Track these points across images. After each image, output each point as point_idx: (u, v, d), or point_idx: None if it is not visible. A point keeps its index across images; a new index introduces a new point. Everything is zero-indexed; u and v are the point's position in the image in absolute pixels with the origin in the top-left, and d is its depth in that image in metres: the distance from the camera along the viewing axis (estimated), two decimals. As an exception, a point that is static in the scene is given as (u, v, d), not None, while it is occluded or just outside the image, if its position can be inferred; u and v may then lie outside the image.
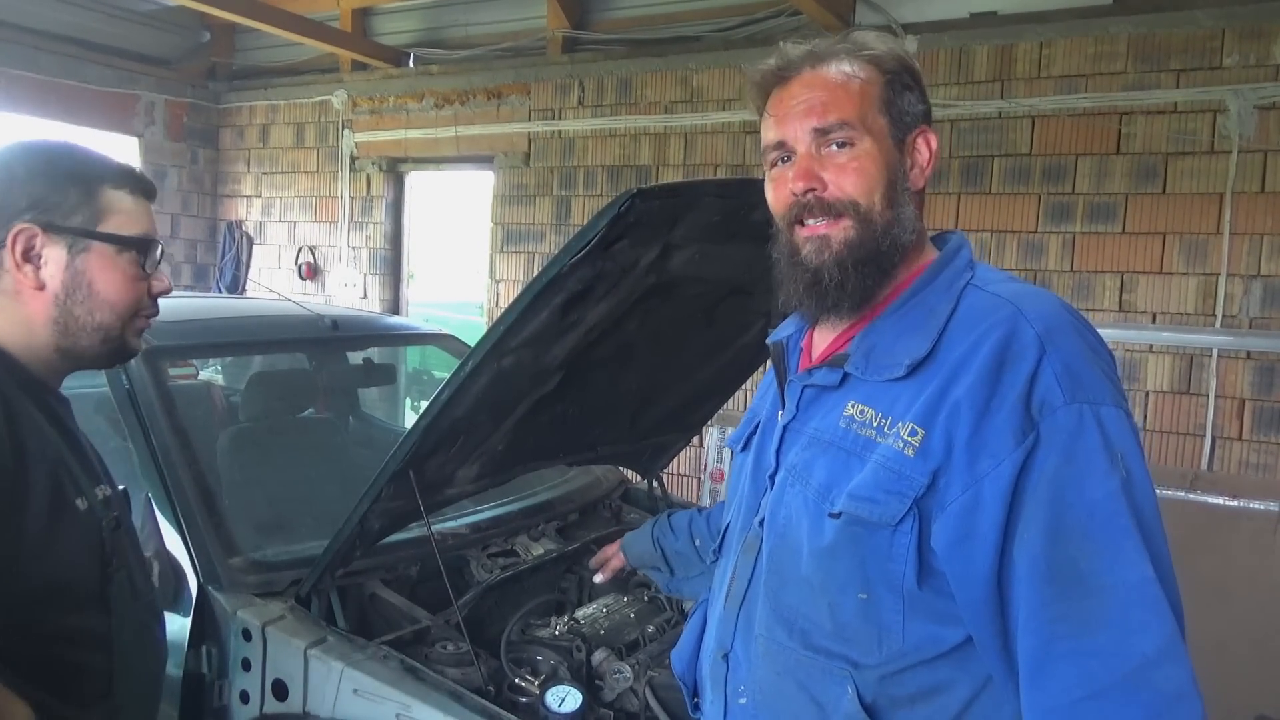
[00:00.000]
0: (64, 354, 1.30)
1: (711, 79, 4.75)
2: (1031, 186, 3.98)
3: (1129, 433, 0.98)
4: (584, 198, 5.17)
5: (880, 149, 1.10)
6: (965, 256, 1.14)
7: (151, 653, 1.41)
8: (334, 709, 1.76)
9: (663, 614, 2.21)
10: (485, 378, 1.70)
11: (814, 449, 1.13)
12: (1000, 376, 0.98)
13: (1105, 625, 0.91)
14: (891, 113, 1.11)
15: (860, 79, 1.11)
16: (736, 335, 2.38)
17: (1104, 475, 0.94)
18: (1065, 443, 0.95)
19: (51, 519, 1.19)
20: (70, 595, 1.24)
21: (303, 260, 6.32)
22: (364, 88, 5.97)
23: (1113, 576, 0.92)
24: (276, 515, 2.30)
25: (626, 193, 1.45)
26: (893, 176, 1.10)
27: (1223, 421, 3.67)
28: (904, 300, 1.11)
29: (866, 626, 1.05)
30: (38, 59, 5.69)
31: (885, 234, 1.10)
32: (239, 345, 2.81)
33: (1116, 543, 0.93)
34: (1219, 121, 3.62)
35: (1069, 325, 1.01)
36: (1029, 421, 0.96)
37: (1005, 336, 1.00)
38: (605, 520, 2.73)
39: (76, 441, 1.32)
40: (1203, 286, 3.69)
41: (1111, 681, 0.90)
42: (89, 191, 1.28)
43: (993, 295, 1.06)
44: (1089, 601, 0.92)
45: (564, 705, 1.72)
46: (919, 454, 1.01)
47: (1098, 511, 0.93)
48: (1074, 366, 0.98)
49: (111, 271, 1.29)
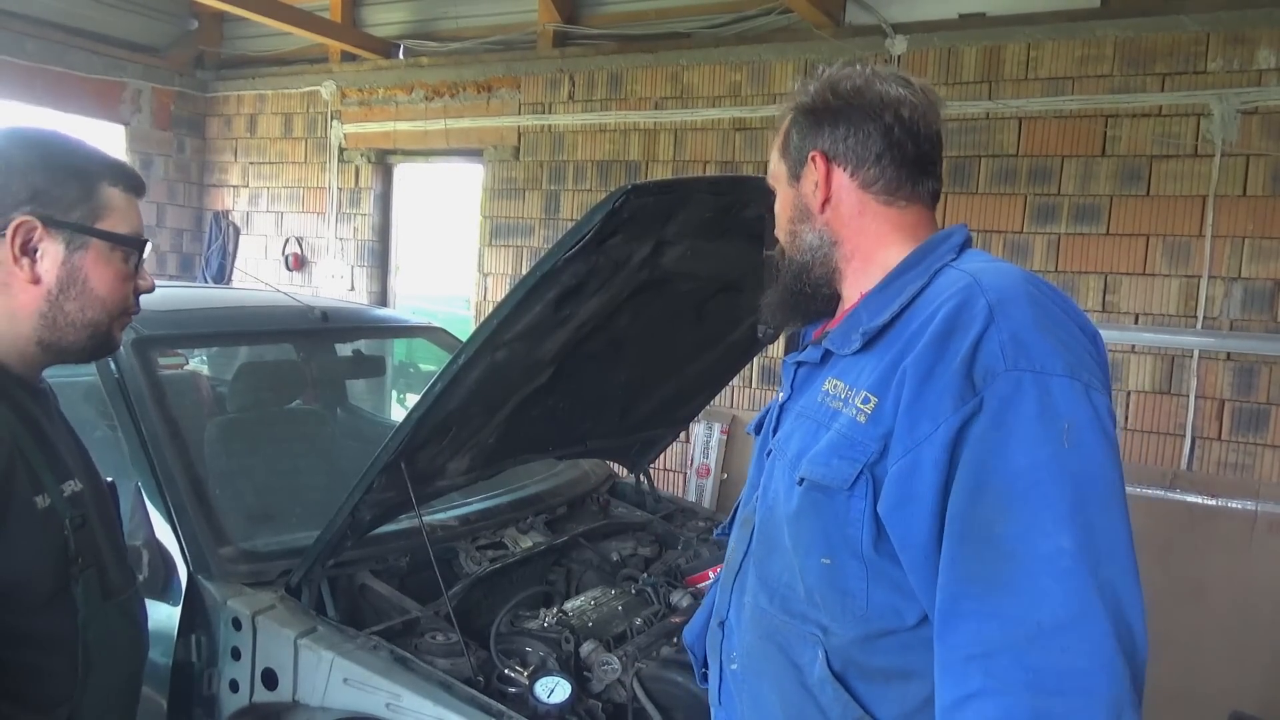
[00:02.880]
0: (45, 347, 1.28)
1: (702, 75, 4.77)
2: (1018, 187, 4.02)
3: (1083, 404, 0.97)
4: (573, 192, 5.18)
5: (783, 190, 1.26)
6: (953, 243, 1.17)
7: (124, 652, 1.37)
8: (324, 698, 1.77)
9: (650, 607, 2.23)
10: (478, 370, 1.71)
11: (796, 423, 1.20)
12: (946, 343, 1.01)
13: (1008, 589, 0.92)
14: (786, 155, 1.25)
15: (777, 133, 1.28)
16: (726, 331, 2.40)
17: (1033, 443, 0.94)
18: (997, 408, 0.96)
19: (1, 518, 1.16)
20: (25, 596, 1.20)
21: (290, 251, 6.29)
22: (353, 79, 5.95)
23: (1024, 544, 0.92)
24: (266, 505, 2.31)
25: (621, 188, 1.47)
26: (794, 211, 1.24)
27: (1202, 422, 3.72)
28: (885, 284, 1.17)
29: (831, 592, 1.09)
30: (23, 44, 5.63)
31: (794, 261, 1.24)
32: (229, 335, 2.80)
33: (1034, 511, 0.93)
34: (1203, 125, 3.67)
35: (1024, 295, 1.02)
36: (970, 388, 0.98)
37: (957, 306, 1.03)
38: (593, 514, 2.75)
39: (44, 436, 1.29)
40: (1185, 288, 3.74)
41: (1003, 644, 0.92)
42: (88, 187, 1.26)
43: (959, 271, 1.10)
44: (999, 565, 0.93)
45: (553, 696, 1.74)
46: (870, 420, 1.05)
47: (1020, 478, 0.94)
48: (1022, 335, 0.98)
49: (106, 269, 1.28)
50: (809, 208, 1.22)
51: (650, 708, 1.81)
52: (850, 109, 1.18)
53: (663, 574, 2.39)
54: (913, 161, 1.18)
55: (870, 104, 1.17)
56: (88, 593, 1.27)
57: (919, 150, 1.19)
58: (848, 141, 1.18)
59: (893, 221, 1.19)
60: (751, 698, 1.22)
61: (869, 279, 1.19)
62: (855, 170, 1.18)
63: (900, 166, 1.18)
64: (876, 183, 1.18)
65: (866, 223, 1.19)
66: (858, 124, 1.17)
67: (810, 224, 1.22)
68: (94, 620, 1.28)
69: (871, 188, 1.18)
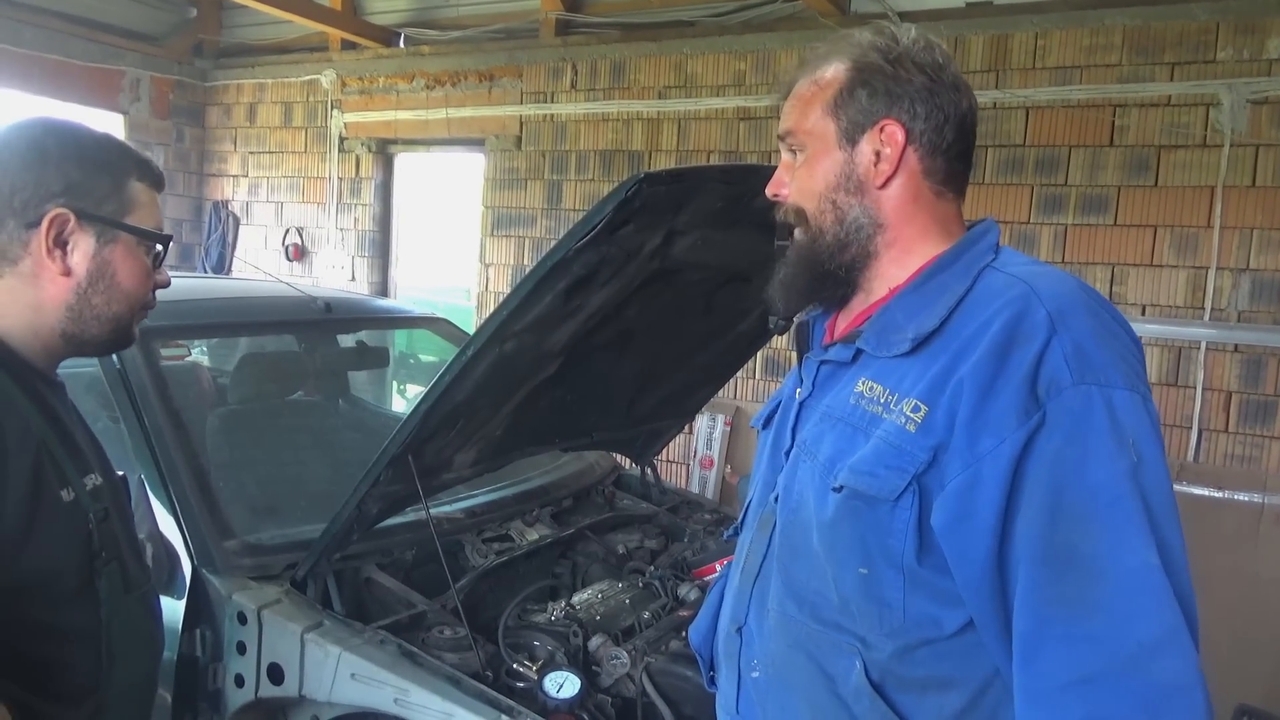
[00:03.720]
0: (68, 339, 1.28)
1: (706, 64, 4.73)
2: (1025, 177, 3.99)
3: (1144, 417, 0.95)
4: (576, 182, 5.15)
5: (825, 152, 1.13)
6: (989, 241, 1.12)
7: (145, 646, 1.38)
8: (331, 693, 1.75)
9: (657, 600, 2.21)
10: (487, 362, 1.69)
11: (824, 424, 1.13)
12: (1008, 355, 0.96)
13: (1101, 610, 0.89)
14: (841, 114, 1.12)
15: (818, 85, 1.14)
16: (734, 322, 2.38)
17: (1109, 458, 0.92)
18: (1069, 424, 0.93)
19: (31, 510, 1.16)
20: (53, 589, 1.21)
21: (290, 241, 6.26)
22: (353, 67, 5.91)
23: (1112, 561, 0.89)
24: (269, 498, 2.29)
25: (634, 177, 1.45)
26: (838, 179, 1.12)
27: (1209, 413, 3.70)
28: (922, 281, 1.11)
29: (867, 602, 1.05)
30: (21, 33, 5.59)
31: (831, 237, 1.13)
32: (233, 326, 2.78)
33: (1118, 527, 0.90)
34: (1212, 115, 3.64)
35: (1083, 305, 0.99)
36: (1034, 402, 0.94)
37: (1016, 315, 0.98)
38: (599, 506, 2.73)
39: (65, 430, 1.29)
40: (1192, 279, 3.71)
41: (1103, 668, 0.88)
42: (119, 182, 1.27)
43: (1008, 275, 1.05)
44: (1086, 585, 0.90)
45: (562, 691, 1.72)
46: (920, 430, 1.00)
47: (1100, 494, 0.91)
48: (1085, 347, 0.95)
49: (133, 263, 1.29)
50: (863, 180, 1.11)
51: (660, 702, 1.80)
52: (935, 87, 1.10)
53: (669, 567, 2.38)
54: (964, 153, 1.13)
55: (951, 88, 1.10)
56: (111, 586, 1.27)
57: (970, 144, 1.14)
58: (928, 122, 1.10)
59: (936, 214, 1.13)
60: (778, 707, 1.18)
61: (901, 272, 1.13)
62: (924, 155, 1.11)
63: (958, 159, 1.13)
64: (937, 173, 1.12)
65: (916, 211, 1.12)
66: (939, 107, 1.10)
67: (859, 198, 1.12)
68: (117, 613, 1.28)
69: (930, 177, 1.12)
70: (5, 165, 1.22)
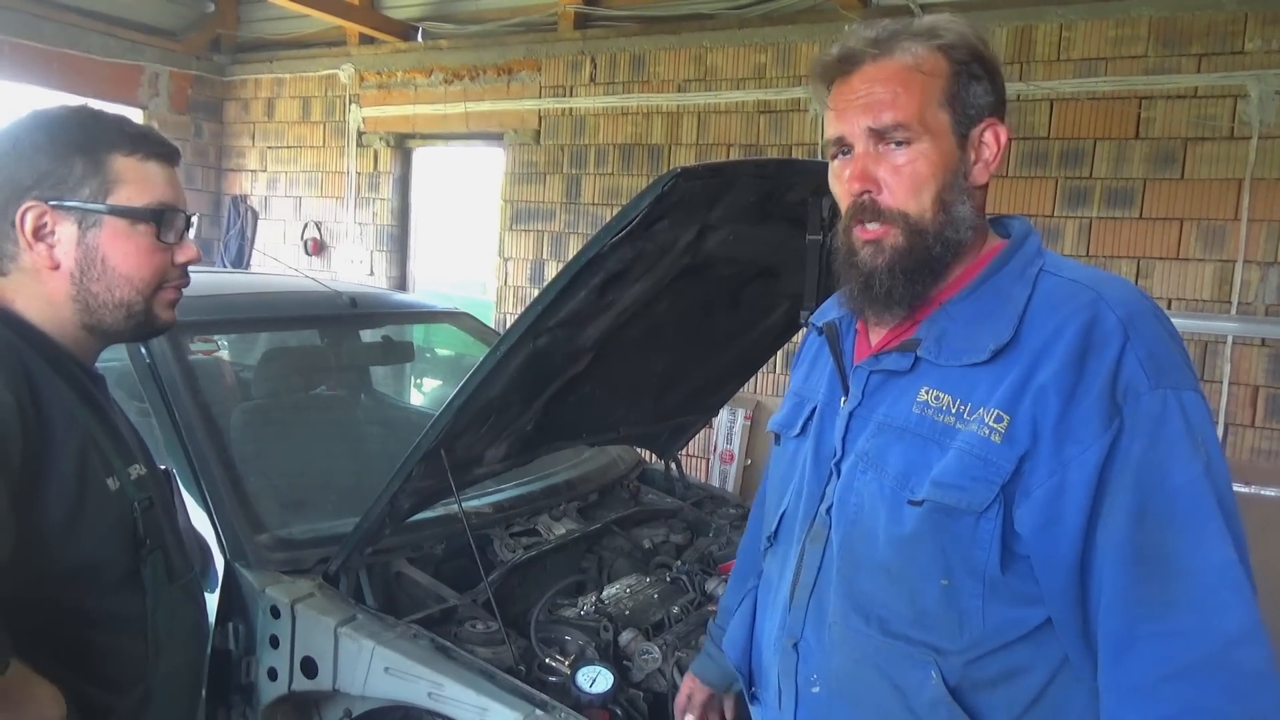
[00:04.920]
0: (91, 331, 1.26)
1: (726, 57, 4.71)
2: (1049, 170, 3.96)
3: (1207, 417, 0.99)
4: (595, 176, 5.14)
5: (938, 148, 1.06)
6: (1034, 243, 1.12)
7: (189, 635, 1.39)
8: (364, 687, 1.75)
9: (685, 595, 2.21)
10: (520, 357, 1.68)
11: (886, 435, 1.10)
12: (1085, 362, 0.98)
13: (1189, 607, 0.92)
14: (955, 107, 1.06)
15: (923, 72, 1.06)
16: (761, 317, 2.37)
17: (1188, 460, 0.95)
18: (1150, 428, 0.95)
19: (78, 500, 1.17)
20: (100, 577, 1.22)
21: (309, 236, 6.28)
22: (371, 62, 5.91)
23: (1197, 559, 0.93)
24: (299, 493, 2.29)
25: (670, 172, 1.43)
26: (950, 177, 1.07)
27: (1236, 408, 3.67)
28: (975, 286, 1.10)
29: (948, 613, 1.05)
30: (41, 28, 5.62)
31: (936, 239, 1.08)
32: (261, 321, 2.78)
33: (1201, 526, 0.93)
34: (1239, 107, 3.60)
35: (1149, 311, 1.02)
36: (1114, 407, 0.96)
37: (1088, 322, 1.00)
38: (624, 501, 2.72)
39: (108, 419, 1.28)
40: (1219, 273, 3.68)
41: (1194, 661, 0.92)
42: (96, 162, 1.21)
43: (1070, 281, 1.06)
44: (1173, 584, 0.93)
45: (595, 685, 1.72)
46: (1005, 440, 1.00)
47: (1182, 496, 0.94)
48: (1156, 352, 0.98)
49: (126, 245, 1.24)
50: (972, 179, 1.09)
51: (691, 698, 1.80)
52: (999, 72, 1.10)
53: (696, 561, 2.37)
54: None
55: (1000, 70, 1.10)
56: (155, 575, 1.27)
57: None
58: (1000, 111, 1.10)
59: (982, 206, 1.13)
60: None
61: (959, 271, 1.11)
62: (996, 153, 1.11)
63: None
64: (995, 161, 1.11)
65: (983, 204, 1.13)
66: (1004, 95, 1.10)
67: (966, 195, 1.09)
68: (161, 602, 1.28)
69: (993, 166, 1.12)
70: None
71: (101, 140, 1.22)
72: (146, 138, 1.27)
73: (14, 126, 1.23)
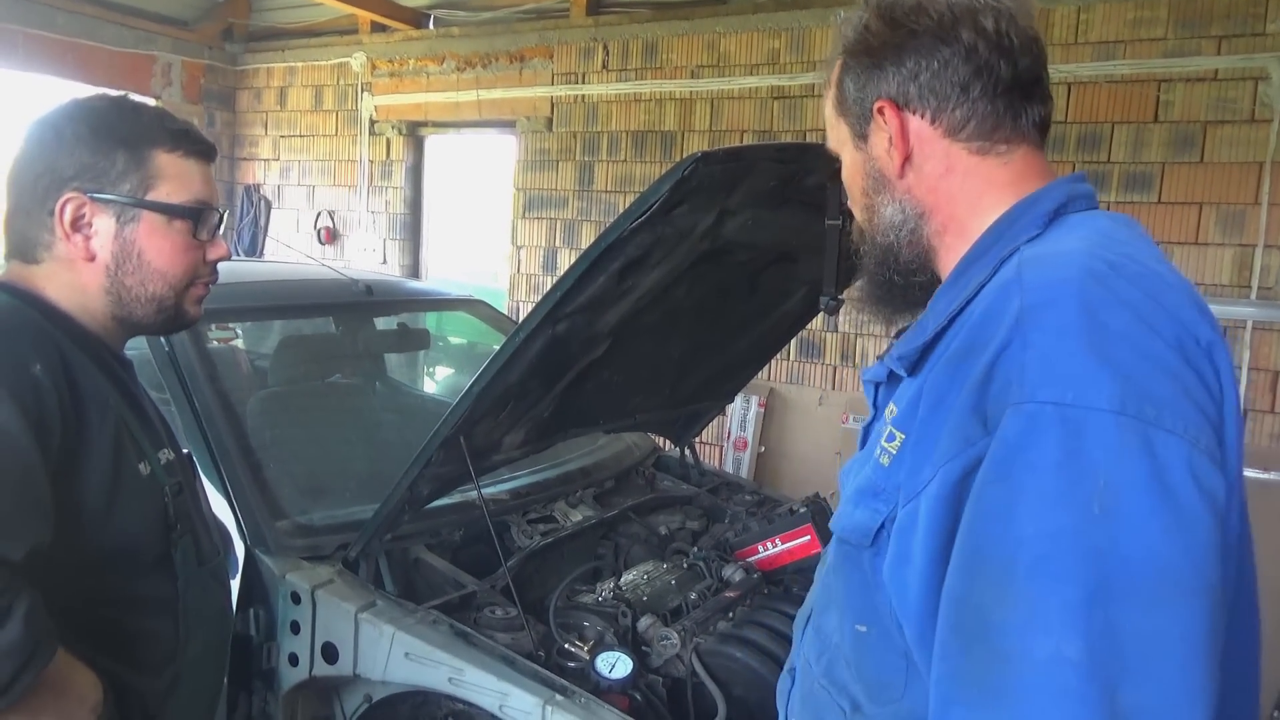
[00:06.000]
0: (121, 322, 1.28)
1: (739, 43, 4.68)
2: (1066, 155, 3.93)
3: (1133, 455, 0.69)
4: (608, 163, 5.12)
5: (850, 159, 1.01)
6: (1039, 210, 0.90)
7: (217, 618, 1.41)
8: (385, 672, 1.76)
9: (702, 581, 2.21)
10: (540, 343, 1.68)
11: (865, 453, 1.00)
12: (961, 364, 0.79)
13: (1001, 699, 0.70)
14: (847, 111, 0.99)
15: (828, 87, 1.02)
16: (778, 303, 2.36)
17: (1047, 504, 0.70)
18: (1002, 455, 0.72)
19: (114, 484, 1.18)
20: (134, 561, 1.24)
21: (322, 225, 6.29)
22: (383, 50, 5.91)
23: (1021, 642, 0.69)
24: (317, 479, 2.30)
25: (690, 157, 1.44)
26: (865, 181, 0.99)
27: (1255, 394, 3.64)
28: (953, 280, 0.93)
29: (866, 666, 0.90)
30: (54, 18, 5.63)
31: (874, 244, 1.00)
32: (279, 309, 2.79)
33: (1035, 599, 0.69)
34: (1260, 90, 3.56)
35: (1074, 293, 0.75)
36: (979, 424, 0.75)
37: (986, 312, 0.80)
38: (640, 488, 2.73)
39: (139, 405, 1.30)
40: (1238, 258, 3.65)
41: None
42: (138, 157, 1.23)
43: (1017, 259, 0.85)
44: (991, 666, 0.71)
45: (614, 671, 1.73)
46: (894, 462, 0.85)
47: (1023, 552, 0.70)
48: (1053, 353, 0.73)
49: (162, 241, 1.25)
50: (884, 174, 0.96)
51: (709, 683, 1.80)
52: (915, 36, 0.92)
53: (712, 548, 2.37)
54: (1010, 85, 0.91)
55: (940, 23, 0.91)
56: (185, 558, 1.29)
57: (1016, 67, 0.91)
58: (920, 79, 0.92)
59: (988, 176, 0.93)
60: None
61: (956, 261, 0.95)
62: (937, 115, 0.92)
63: (995, 97, 0.91)
64: (967, 124, 0.92)
65: (956, 183, 0.93)
66: (928, 52, 0.91)
67: (888, 194, 0.97)
68: (192, 585, 1.30)
69: (960, 133, 0.92)
70: (29, 153, 1.22)
71: (144, 135, 1.24)
72: (187, 134, 1.28)
73: (54, 115, 1.24)
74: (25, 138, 1.24)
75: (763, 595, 2.15)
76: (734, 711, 1.72)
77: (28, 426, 1.06)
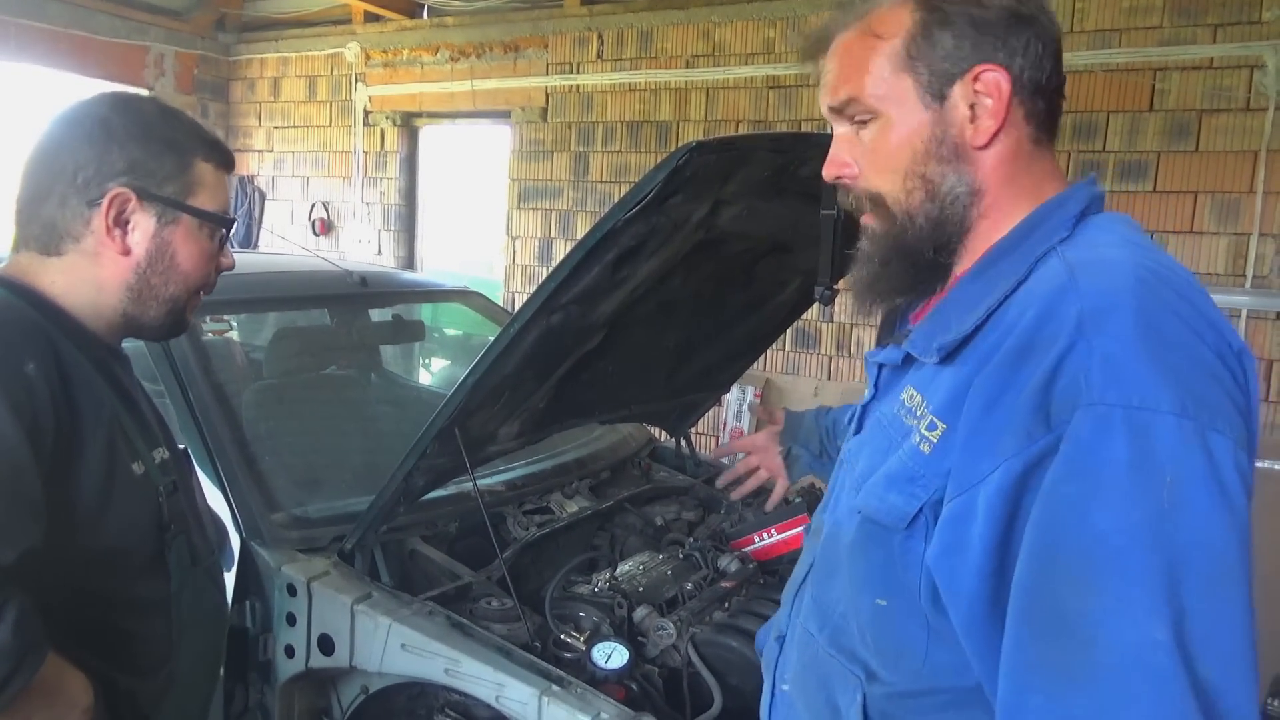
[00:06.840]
0: (128, 319, 1.28)
1: (734, 32, 4.67)
2: (1061, 144, 3.90)
3: (1193, 453, 0.74)
4: (603, 154, 5.11)
5: (904, 117, 0.94)
6: (1068, 212, 0.92)
7: (211, 618, 1.41)
8: (381, 663, 1.77)
9: (698, 571, 2.21)
10: (534, 334, 1.68)
11: (871, 433, 1.03)
12: (1022, 363, 0.81)
13: (1087, 683, 0.73)
14: (920, 67, 0.92)
15: (876, 35, 0.94)
16: (773, 293, 2.36)
17: (1122, 500, 0.74)
18: (1074, 454, 0.76)
19: (107, 484, 1.18)
20: (127, 562, 1.23)
21: (316, 216, 6.27)
22: (377, 40, 5.88)
23: (1106, 629, 0.73)
24: (312, 471, 2.30)
25: (685, 146, 1.43)
26: (926, 146, 0.93)
27: (1250, 383, 3.65)
28: (980, 270, 0.94)
29: (885, 637, 0.93)
30: (45, 8, 5.59)
31: (916, 218, 0.95)
32: (274, 301, 2.78)
33: (1120, 589, 0.73)
34: (1256, 78, 3.56)
35: (1130, 302, 0.79)
36: (1042, 422, 0.78)
37: (1042, 313, 0.82)
38: (636, 478, 2.73)
39: (134, 403, 1.30)
40: (1233, 246, 3.66)
41: None
42: (184, 162, 1.26)
43: (1062, 261, 0.87)
44: (1073, 653, 0.74)
45: (611, 661, 1.73)
46: (936, 451, 0.87)
47: (1101, 545, 0.74)
48: (1117, 357, 0.76)
49: (193, 245, 1.28)
50: (959, 143, 0.92)
51: (706, 673, 1.80)
52: (1023, 10, 0.91)
53: (708, 538, 2.38)
54: (1062, 89, 0.95)
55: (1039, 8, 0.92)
56: (179, 559, 1.29)
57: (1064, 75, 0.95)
58: (1027, 55, 0.91)
59: (1035, 170, 0.95)
60: None
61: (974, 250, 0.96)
62: (1026, 98, 0.92)
63: (1057, 93, 0.94)
64: (1038, 116, 0.93)
65: (1017, 170, 0.93)
66: (1035, 35, 0.91)
67: (957, 165, 0.93)
68: (186, 585, 1.30)
69: (1032, 123, 0.93)
70: (70, 141, 1.22)
71: (187, 142, 1.27)
72: (219, 146, 1.33)
73: (96, 107, 1.24)
74: (59, 125, 1.24)
75: (758, 585, 2.15)
76: (730, 701, 1.73)
77: (20, 427, 1.05)
